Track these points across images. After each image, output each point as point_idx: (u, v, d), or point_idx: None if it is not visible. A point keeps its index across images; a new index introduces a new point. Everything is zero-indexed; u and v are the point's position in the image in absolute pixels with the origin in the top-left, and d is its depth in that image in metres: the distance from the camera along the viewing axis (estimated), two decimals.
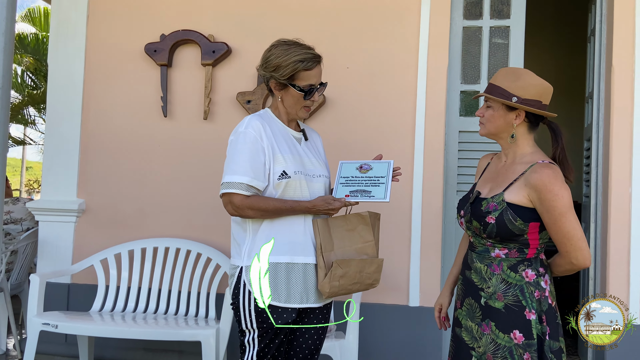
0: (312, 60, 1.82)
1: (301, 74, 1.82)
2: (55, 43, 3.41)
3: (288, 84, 1.83)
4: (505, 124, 1.65)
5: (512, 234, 1.58)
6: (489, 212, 1.60)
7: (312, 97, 1.86)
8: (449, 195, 3.14)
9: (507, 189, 1.61)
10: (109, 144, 3.34)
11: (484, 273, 1.64)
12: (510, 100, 1.61)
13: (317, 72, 1.85)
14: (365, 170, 1.87)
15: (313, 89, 1.84)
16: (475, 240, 1.69)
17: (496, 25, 3.15)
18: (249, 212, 1.75)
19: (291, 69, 1.81)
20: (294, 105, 1.87)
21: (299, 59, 1.81)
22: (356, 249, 1.82)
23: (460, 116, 3.17)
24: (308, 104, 1.88)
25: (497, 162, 1.77)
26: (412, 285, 3.02)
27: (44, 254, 3.33)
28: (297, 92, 1.83)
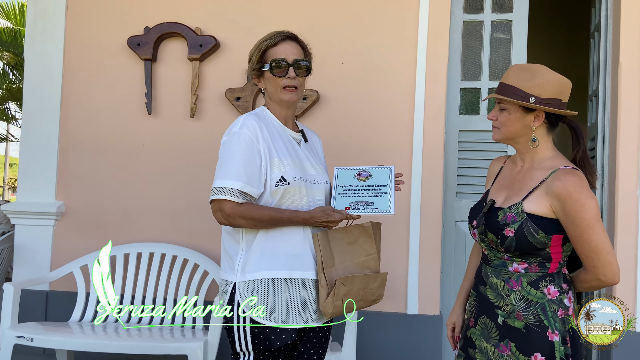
0: (276, 36, 1.72)
1: (268, 53, 1.71)
2: (32, 36, 3.20)
3: (260, 68, 1.72)
4: (523, 127, 1.50)
5: (533, 248, 1.43)
6: (507, 224, 1.45)
7: (286, 74, 1.69)
8: (449, 198, 3.00)
9: (526, 198, 1.46)
10: (89, 143, 3.15)
11: (500, 289, 1.50)
12: (527, 101, 1.46)
13: (286, 48, 1.71)
14: (365, 178, 1.71)
15: (282, 64, 1.69)
16: (490, 253, 1.55)
17: (498, 20, 3.02)
18: (240, 221, 1.59)
19: (258, 51, 1.72)
20: (273, 88, 1.73)
21: (264, 39, 1.72)
22: (358, 264, 1.68)
23: (460, 114, 3.03)
24: (286, 82, 1.70)
25: (511, 166, 1.62)
26: (410, 292, 2.88)
27: (20, 259, 3.13)
28: (267, 71, 1.70)
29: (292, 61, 1.70)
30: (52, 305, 3.11)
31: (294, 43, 1.75)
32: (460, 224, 3.00)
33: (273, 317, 1.58)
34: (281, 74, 1.69)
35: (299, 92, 1.75)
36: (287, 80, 1.70)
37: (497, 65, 3.02)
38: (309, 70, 1.77)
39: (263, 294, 1.58)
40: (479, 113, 3.02)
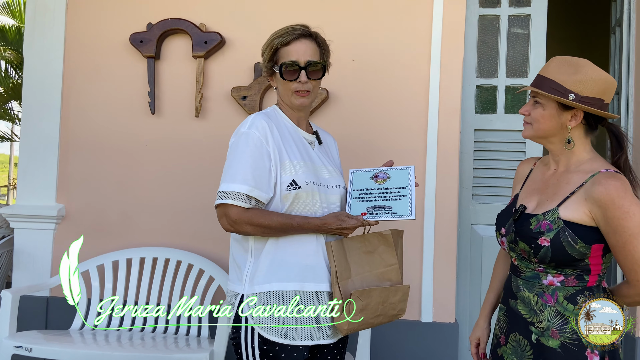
0: (289, 34, 1.57)
1: (280, 52, 1.58)
2: (31, 33, 3.09)
3: (271, 67, 1.60)
4: (557, 126, 1.38)
5: (570, 259, 1.31)
6: (542, 232, 1.33)
7: (297, 78, 1.57)
8: (464, 200, 2.87)
9: (562, 204, 1.34)
10: (91, 144, 3.04)
11: (533, 304, 1.38)
12: (566, 98, 1.33)
13: (299, 48, 1.58)
14: (382, 180, 1.58)
15: (294, 67, 1.56)
16: (521, 264, 1.43)
17: (515, 14, 2.89)
18: (247, 227, 1.47)
19: (270, 48, 1.59)
20: (283, 91, 1.62)
21: (277, 35, 1.58)
22: (377, 275, 1.55)
23: (476, 113, 2.91)
24: (296, 87, 1.58)
25: (542, 169, 1.49)
26: (424, 299, 2.76)
27: (19, 264, 3.03)
28: (278, 73, 1.59)
29: (305, 63, 1.57)
30: (53, 311, 3.01)
31: (308, 41, 1.60)
32: (477, 227, 2.88)
33: (283, 334, 1.47)
34: (292, 77, 1.57)
35: (311, 95, 1.63)
36: (298, 85, 1.58)
37: (515, 62, 2.89)
38: (323, 72, 1.64)
39: (272, 307, 1.47)
40: (495, 111, 2.89)
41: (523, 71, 2.87)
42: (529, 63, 2.86)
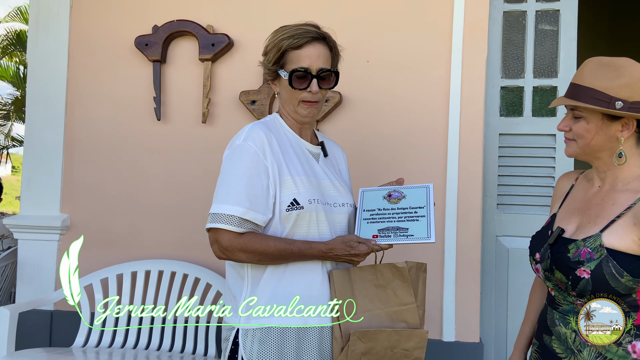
0: (301, 36, 1.38)
1: (289, 55, 1.39)
2: (34, 37, 2.99)
3: (277, 70, 1.41)
4: (606, 139, 1.18)
5: (615, 293, 1.12)
6: (581, 261, 1.14)
7: (307, 87, 1.39)
8: (488, 210, 2.67)
9: (606, 229, 1.15)
10: (95, 152, 2.92)
11: (570, 342, 1.19)
12: (613, 108, 1.14)
13: (311, 53, 1.39)
14: (397, 200, 1.40)
15: (305, 74, 1.38)
16: (558, 295, 1.24)
17: (543, 9, 2.68)
18: (240, 255, 1.31)
19: (277, 49, 1.40)
20: (289, 99, 1.43)
21: (286, 36, 1.39)
22: (389, 314, 1.34)
23: (500, 116, 2.70)
24: (306, 96, 1.41)
25: (585, 185, 1.30)
26: (446, 317, 2.56)
27: (23, 276, 2.93)
28: (285, 79, 1.40)
29: (317, 71, 1.40)
30: (57, 326, 2.90)
31: (321, 46, 1.43)
32: (502, 239, 2.67)
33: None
34: (302, 86, 1.40)
35: (319, 105, 1.46)
36: (308, 95, 1.41)
37: (543, 61, 2.68)
38: (336, 80, 1.47)
39: (271, 345, 1.30)
40: (522, 114, 2.69)
41: (552, 71, 2.66)
42: (558, 62, 2.65)
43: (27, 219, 2.92)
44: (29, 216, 2.93)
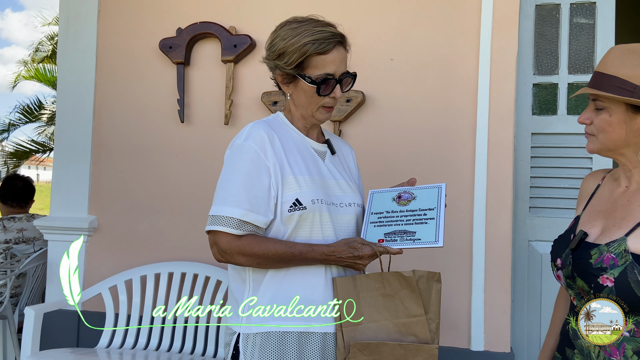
0: (327, 41, 1.32)
1: (313, 60, 1.32)
2: (64, 42, 3.05)
3: (296, 74, 1.33)
4: (630, 134, 1.08)
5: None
6: (603, 268, 1.04)
7: (331, 92, 1.34)
8: (520, 213, 2.54)
9: (632, 232, 1.04)
10: (122, 155, 2.95)
11: (594, 357, 1.08)
12: (638, 98, 1.03)
13: (336, 57, 1.34)
14: (406, 201, 1.32)
15: (330, 80, 1.33)
16: (580, 305, 1.13)
17: (578, 2, 2.54)
18: (239, 258, 1.27)
19: (299, 54, 1.32)
20: (307, 104, 1.37)
21: (309, 39, 1.31)
22: (397, 326, 1.25)
23: (533, 114, 2.57)
24: (328, 102, 1.36)
25: (612, 185, 1.19)
26: (474, 324, 2.45)
27: (53, 277, 2.98)
28: (308, 85, 1.32)
29: (340, 76, 1.36)
30: (84, 326, 2.93)
31: (342, 49, 1.39)
32: (535, 244, 2.54)
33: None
34: (326, 92, 1.35)
35: (333, 110, 1.43)
36: (330, 100, 1.37)
37: (579, 56, 2.53)
38: (354, 82, 1.43)
39: (272, 351, 1.25)
40: (556, 113, 2.55)
41: (588, 66, 2.51)
42: (595, 57, 2.50)
43: (56, 221, 2.98)
44: (58, 218, 2.99)
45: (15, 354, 3.07)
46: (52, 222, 2.98)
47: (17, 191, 3.43)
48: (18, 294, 3.25)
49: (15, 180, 3.48)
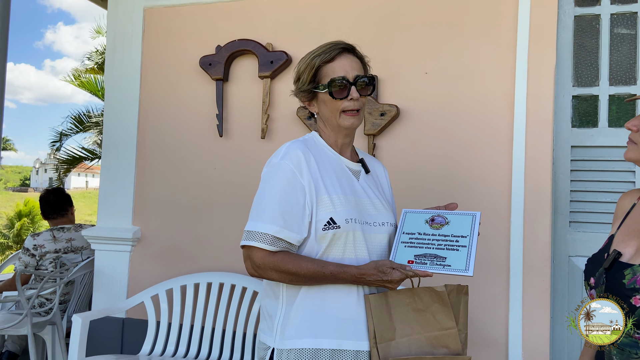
0: (331, 49, 1.41)
1: (323, 70, 1.40)
2: (111, 62, 3.20)
3: (313, 89, 1.41)
4: None
5: None
6: (637, 289, 1.02)
7: (347, 95, 1.39)
8: (560, 228, 2.49)
9: None
10: (163, 167, 3.06)
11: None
12: None
13: (345, 63, 1.41)
14: (439, 225, 1.33)
15: (342, 82, 1.38)
16: None
17: (619, 12, 2.48)
18: (272, 274, 1.30)
19: (309, 68, 1.41)
20: (330, 114, 1.43)
21: (316, 54, 1.41)
22: (430, 339, 1.28)
23: (572, 127, 2.52)
24: (347, 105, 1.40)
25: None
26: (512, 340, 2.41)
27: (99, 285, 3.11)
28: (324, 93, 1.39)
29: (354, 78, 1.41)
30: (128, 333, 3.05)
31: (351, 56, 1.45)
32: (575, 260, 2.48)
33: None
34: (342, 95, 1.40)
35: (360, 115, 1.45)
36: (350, 103, 1.41)
37: (620, 67, 2.47)
38: (373, 87, 1.47)
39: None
40: (597, 125, 2.49)
41: (630, 77, 2.45)
42: (637, 68, 2.43)
43: (102, 231, 3.11)
44: (104, 228, 3.12)
45: (63, 359, 3.20)
46: (99, 233, 3.11)
47: (51, 204, 3.62)
48: (66, 300, 3.40)
49: (46, 195, 3.68)
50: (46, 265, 3.33)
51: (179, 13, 3.09)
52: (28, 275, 3.40)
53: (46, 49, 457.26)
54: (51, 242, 3.38)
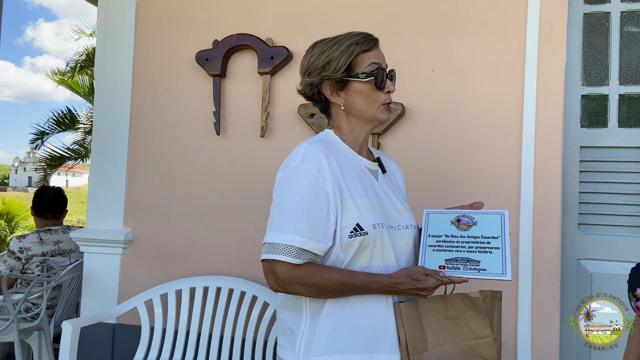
0: (368, 39, 1.34)
1: (360, 58, 1.32)
2: (102, 56, 3.07)
3: (348, 78, 1.31)
4: None
5: None
6: None
7: (387, 84, 1.34)
8: (569, 230, 2.44)
9: None
10: (156, 167, 2.94)
11: None
12: None
13: (378, 54, 1.36)
14: (466, 226, 1.25)
15: (383, 72, 1.32)
16: None
17: (630, 10, 2.43)
18: (298, 288, 1.20)
19: (347, 56, 1.31)
20: (366, 105, 1.34)
21: (352, 41, 1.32)
22: (464, 349, 1.21)
23: (582, 127, 2.47)
24: (387, 98, 1.34)
25: None
26: (520, 346, 2.34)
27: (88, 289, 2.98)
28: (365, 81, 1.30)
29: (390, 71, 1.37)
30: (120, 339, 2.92)
31: (379, 49, 1.41)
32: (585, 263, 2.42)
33: None
34: (384, 83, 1.34)
35: (391, 109, 1.41)
36: (388, 97, 1.36)
37: (630, 66, 2.42)
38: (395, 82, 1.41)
39: None
40: (606, 125, 2.44)
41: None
42: None
43: (92, 233, 2.98)
44: (93, 229, 2.99)
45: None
46: (88, 234, 2.98)
47: (50, 203, 3.45)
48: (54, 305, 3.26)
49: (47, 191, 3.50)
50: (33, 268, 3.18)
51: (174, 5, 2.97)
52: (14, 279, 3.25)
53: (26, 46, 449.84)
54: (38, 245, 3.23)
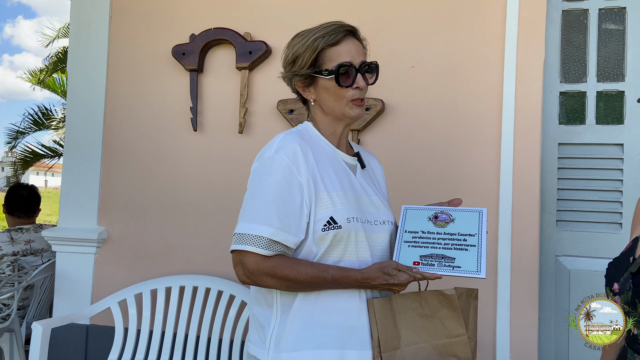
0: (336, 31, 1.28)
1: (326, 54, 1.27)
2: (75, 49, 2.98)
3: (313, 73, 1.27)
4: None
5: None
6: None
7: (353, 82, 1.27)
8: (547, 227, 2.44)
9: None
10: (132, 163, 2.87)
11: None
12: None
13: (350, 47, 1.29)
14: (444, 223, 1.23)
15: (349, 68, 1.26)
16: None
17: (607, 7, 2.44)
18: (267, 280, 1.17)
19: (311, 51, 1.27)
20: (334, 102, 1.30)
21: (318, 35, 1.27)
22: (437, 347, 1.18)
23: (560, 124, 2.47)
24: (354, 94, 1.29)
25: None
26: (499, 344, 2.34)
27: (61, 289, 2.89)
28: (328, 79, 1.26)
29: (360, 65, 1.29)
30: (93, 340, 2.85)
31: (355, 40, 1.33)
32: (563, 259, 2.43)
33: None
34: (349, 83, 1.28)
35: (364, 105, 1.35)
36: (356, 92, 1.30)
37: (608, 63, 2.43)
38: (376, 75, 1.36)
39: None
40: (584, 122, 2.44)
41: (618, 74, 2.41)
42: (625, 64, 2.40)
43: (65, 232, 2.90)
44: (66, 228, 2.91)
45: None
46: (61, 233, 2.90)
47: (23, 201, 3.35)
48: (25, 306, 3.17)
49: (21, 189, 3.40)
50: (3, 268, 3.08)
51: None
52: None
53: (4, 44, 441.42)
54: (8, 244, 3.14)
